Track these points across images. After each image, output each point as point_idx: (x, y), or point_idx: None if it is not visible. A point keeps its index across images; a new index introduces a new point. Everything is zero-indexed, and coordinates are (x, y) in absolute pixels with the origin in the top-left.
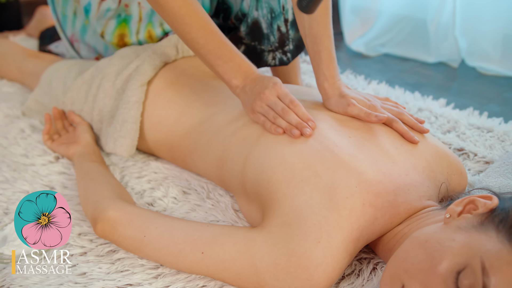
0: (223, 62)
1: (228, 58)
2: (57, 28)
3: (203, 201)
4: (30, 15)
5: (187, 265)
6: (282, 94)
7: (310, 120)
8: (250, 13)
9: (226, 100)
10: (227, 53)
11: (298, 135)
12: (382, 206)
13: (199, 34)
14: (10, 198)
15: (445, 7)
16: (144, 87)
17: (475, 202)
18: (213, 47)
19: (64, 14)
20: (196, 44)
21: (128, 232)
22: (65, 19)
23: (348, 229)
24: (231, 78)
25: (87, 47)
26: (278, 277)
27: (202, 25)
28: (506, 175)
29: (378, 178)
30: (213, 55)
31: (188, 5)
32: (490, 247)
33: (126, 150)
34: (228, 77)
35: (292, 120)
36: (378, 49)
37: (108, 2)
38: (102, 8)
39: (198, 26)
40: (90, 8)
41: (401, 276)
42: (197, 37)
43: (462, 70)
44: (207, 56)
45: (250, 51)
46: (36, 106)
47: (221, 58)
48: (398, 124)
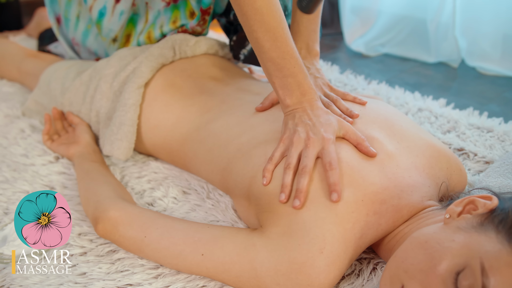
0: (283, 75)
1: (289, 73)
2: (54, 30)
3: (203, 201)
4: (30, 15)
5: (187, 266)
6: (327, 151)
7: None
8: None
9: (221, 105)
10: (290, 66)
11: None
12: (387, 211)
13: (266, 36)
14: (10, 198)
15: (445, 7)
16: (141, 90)
17: (475, 203)
18: (277, 55)
19: (66, 17)
20: (260, 46)
21: (129, 232)
22: (68, 22)
23: (351, 239)
24: (285, 96)
25: (88, 50)
26: (278, 281)
27: (273, 26)
28: (506, 175)
29: (384, 185)
30: (274, 64)
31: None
32: (490, 247)
33: (123, 153)
34: (283, 93)
35: (299, 183)
36: (378, 49)
37: (122, 4)
38: (116, 12)
39: (268, 27)
40: (105, 12)
41: (400, 277)
42: (263, 39)
43: (462, 70)
44: (268, 63)
45: None
46: (36, 107)
47: (282, 71)
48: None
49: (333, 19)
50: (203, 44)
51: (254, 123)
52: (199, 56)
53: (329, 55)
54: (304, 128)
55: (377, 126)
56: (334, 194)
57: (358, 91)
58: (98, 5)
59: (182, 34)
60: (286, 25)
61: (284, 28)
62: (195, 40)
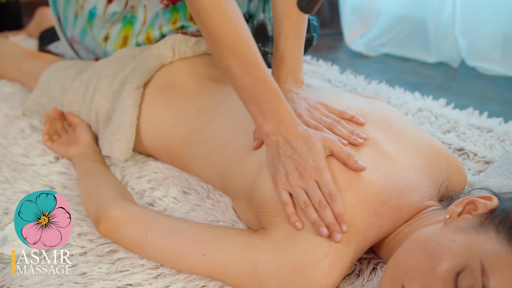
0: (257, 102)
1: (263, 99)
2: (57, 29)
3: (203, 201)
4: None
5: (188, 267)
6: (323, 182)
7: (344, 223)
8: (256, 15)
9: (219, 106)
10: (264, 92)
11: (326, 235)
12: (387, 212)
13: (238, 63)
14: (10, 198)
15: (445, 7)
16: (140, 90)
17: (475, 203)
18: (249, 81)
19: (65, 16)
20: (232, 74)
21: (130, 231)
22: (66, 20)
23: (354, 242)
24: (262, 123)
25: (86, 49)
26: (280, 283)
27: (244, 52)
28: (506, 175)
29: (383, 185)
30: (248, 91)
31: (233, 25)
32: (490, 248)
33: (122, 153)
34: (258, 120)
35: (326, 217)
36: (378, 49)
37: (114, 5)
38: (108, 12)
39: (238, 53)
40: (95, 12)
41: (401, 277)
42: (234, 65)
43: (462, 70)
44: (241, 90)
45: None
46: (36, 107)
47: (256, 97)
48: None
49: (333, 19)
50: (203, 44)
51: (248, 128)
52: (199, 56)
53: (329, 55)
54: (293, 165)
55: (375, 127)
56: (343, 225)
57: (358, 91)
58: (88, 5)
59: (181, 35)
60: (257, 50)
61: (256, 53)
62: (195, 40)
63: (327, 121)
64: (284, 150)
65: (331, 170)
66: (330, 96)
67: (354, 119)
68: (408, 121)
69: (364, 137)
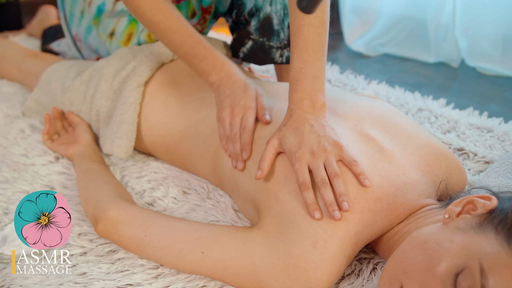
0: (198, 60)
1: (202, 56)
2: (63, 25)
3: (203, 201)
4: (30, 15)
5: (187, 265)
6: (244, 118)
7: (246, 151)
8: (263, 8)
9: None
10: (201, 51)
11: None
12: (382, 209)
13: (175, 36)
14: (10, 198)
15: (445, 7)
16: (141, 88)
17: (474, 203)
18: (188, 47)
19: (71, 12)
20: (174, 46)
21: (129, 231)
22: (72, 17)
23: (346, 235)
24: (207, 76)
25: (89, 48)
26: (277, 277)
27: (177, 28)
28: (506, 175)
29: (378, 183)
30: (189, 55)
31: (162, 12)
32: (489, 248)
33: (123, 151)
34: (204, 75)
35: (236, 147)
36: (378, 49)
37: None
38: (117, 9)
39: (173, 29)
40: (104, 8)
41: (399, 277)
42: (173, 40)
43: (462, 70)
44: (185, 57)
45: (258, 46)
46: (36, 106)
47: (196, 57)
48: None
49: (333, 19)
50: None
51: None
52: None
53: (329, 55)
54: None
55: (369, 122)
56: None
57: (358, 91)
58: (97, 1)
59: None
60: (187, 22)
61: (186, 25)
62: None
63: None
64: (224, 91)
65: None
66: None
67: (361, 176)
68: (406, 119)
69: (347, 209)
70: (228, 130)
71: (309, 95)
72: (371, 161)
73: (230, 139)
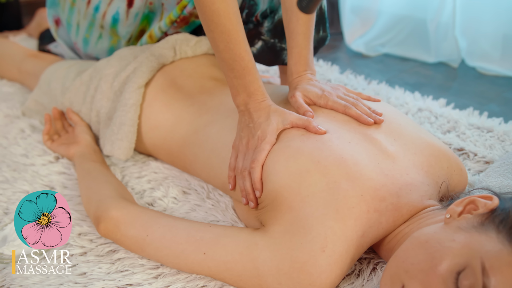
0: (233, 76)
1: (238, 74)
2: (53, 33)
3: (203, 201)
4: (30, 15)
5: (189, 265)
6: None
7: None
8: (278, 10)
9: (219, 107)
10: (240, 68)
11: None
12: (386, 209)
13: (221, 38)
14: (10, 198)
15: (445, 7)
16: (142, 90)
17: (475, 202)
18: (229, 56)
19: (69, 22)
20: (215, 46)
21: (130, 231)
22: (70, 27)
23: (353, 237)
24: (235, 95)
25: (88, 56)
26: (280, 281)
27: (228, 29)
28: (506, 175)
29: (382, 181)
30: (227, 65)
31: (223, 2)
32: (490, 247)
33: (124, 153)
34: (233, 91)
35: (245, 186)
36: (378, 49)
37: (135, 7)
38: (131, 15)
39: (223, 29)
40: (118, 17)
41: (401, 276)
42: (218, 40)
43: (462, 70)
44: (222, 63)
45: (268, 47)
46: (36, 106)
47: (232, 71)
48: (351, 109)
49: (333, 19)
50: (204, 44)
51: None
52: (200, 56)
53: (329, 55)
54: (248, 132)
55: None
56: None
57: (358, 91)
58: (111, 11)
59: (183, 34)
60: (242, 29)
61: (239, 31)
62: (196, 40)
63: (350, 99)
64: (246, 119)
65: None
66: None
67: (371, 98)
68: (408, 120)
69: (380, 113)
70: (240, 162)
71: (309, 67)
72: (374, 159)
73: (238, 173)
